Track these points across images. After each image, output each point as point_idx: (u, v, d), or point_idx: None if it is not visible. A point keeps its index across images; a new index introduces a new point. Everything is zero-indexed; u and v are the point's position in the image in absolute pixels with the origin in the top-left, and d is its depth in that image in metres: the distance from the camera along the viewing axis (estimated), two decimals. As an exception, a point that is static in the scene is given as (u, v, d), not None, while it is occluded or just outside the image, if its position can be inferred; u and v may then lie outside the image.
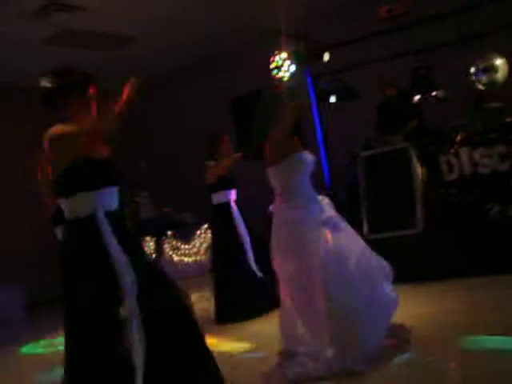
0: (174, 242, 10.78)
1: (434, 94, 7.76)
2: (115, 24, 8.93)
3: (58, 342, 5.33)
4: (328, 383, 3.67)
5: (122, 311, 2.71)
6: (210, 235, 10.16)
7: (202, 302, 7.09)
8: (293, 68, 7.88)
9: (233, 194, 6.33)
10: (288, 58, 7.86)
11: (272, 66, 7.93)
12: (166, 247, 10.72)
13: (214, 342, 5.13)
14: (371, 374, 3.66)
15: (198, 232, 10.97)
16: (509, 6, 6.63)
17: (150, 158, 12.32)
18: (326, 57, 7.78)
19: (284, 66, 7.90)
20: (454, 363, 3.63)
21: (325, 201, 4.32)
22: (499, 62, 7.10)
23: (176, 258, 10.73)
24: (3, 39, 8.60)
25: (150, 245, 10.66)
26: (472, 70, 7.21)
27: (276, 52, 7.85)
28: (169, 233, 10.83)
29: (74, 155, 2.84)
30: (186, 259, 10.78)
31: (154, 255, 10.55)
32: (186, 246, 10.85)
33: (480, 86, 7.26)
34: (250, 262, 6.05)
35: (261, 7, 8.65)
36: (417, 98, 8.00)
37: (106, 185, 2.93)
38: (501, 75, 7.12)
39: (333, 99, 8.15)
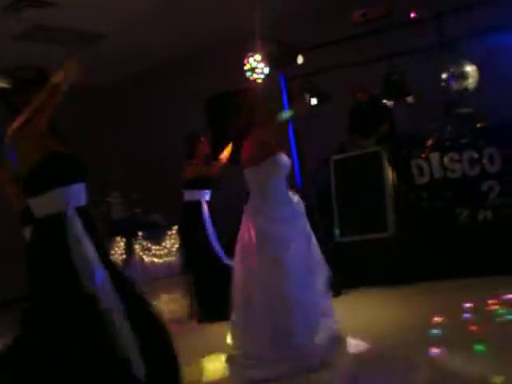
0: (144, 243, 10.70)
1: (406, 99, 7.82)
2: (88, 21, 8.83)
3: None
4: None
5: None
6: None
7: (172, 303, 7.06)
8: (267, 70, 7.88)
9: (207, 195, 6.30)
10: (262, 60, 7.86)
11: (246, 67, 7.92)
12: (137, 248, 10.63)
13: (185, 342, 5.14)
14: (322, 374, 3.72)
15: (169, 233, 10.90)
16: (481, 13, 6.72)
17: (122, 157, 12.26)
18: (300, 60, 7.80)
19: (258, 68, 7.90)
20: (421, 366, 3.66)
21: (296, 198, 4.35)
22: (470, 68, 7.19)
23: (147, 259, 10.64)
24: (-26, 35, 8.47)
25: (120, 245, 10.56)
26: (443, 76, 7.29)
27: (250, 54, 7.85)
28: (140, 233, 10.74)
29: (39, 148, 2.80)
30: (156, 260, 10.71)
31: (124, 256, 10.46)
32: (157, 247, 10.78)
33: (451, 92, 7.34)
34: (225, 258, 6.00)
35: (236, 9, 8.64)
36: (389, 102, 8.06)
37: (76, 180, 2.91)
38: (471, 82, 7.21)
39: (314, 102, 8.10)
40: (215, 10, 9.10)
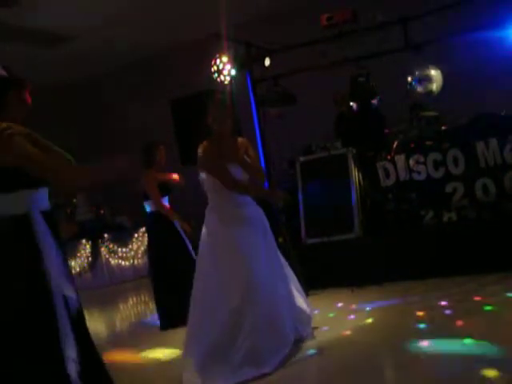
0: (110, 245, 10.61)
1: (372, 101, 7.88)
2: (52, 22, 8.75)
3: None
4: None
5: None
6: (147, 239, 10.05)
7: (139, 305, 7.02)
8: (233, 72, 7.87)
9: (166, 201, 6.20)
10: (228, 62, 7.84)
11: (212, 69, 7.88)
12: (103, 250, 10.53)
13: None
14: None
15: (136, 235, 10.83)
16: (445, 18, 6.82)
17: (87, 157, 12.11)
18: (267, 62, 7.81)
19: (224, 70, 7.87)
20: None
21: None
22: (434, 72, 7.29)
23: (113, 262, 10.55)
24: None
25: (86, 248, 10.44)
26: (409, 79, 7.38)
27: (217, 55, 7.82)
28: (106, 235, 10.64)
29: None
30: (123, 262, 10.63)
31: (90, 258, 10.35)
32: (123, 249, 10.70)
33: (416, 95, 7.44)
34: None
35: (204, 10, 8.63)
36: (355, 105, 8.12)
37: (42, 184, 2.86)
38: (436, 85, 7.31)
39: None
40: (182, 10, 9.09)
